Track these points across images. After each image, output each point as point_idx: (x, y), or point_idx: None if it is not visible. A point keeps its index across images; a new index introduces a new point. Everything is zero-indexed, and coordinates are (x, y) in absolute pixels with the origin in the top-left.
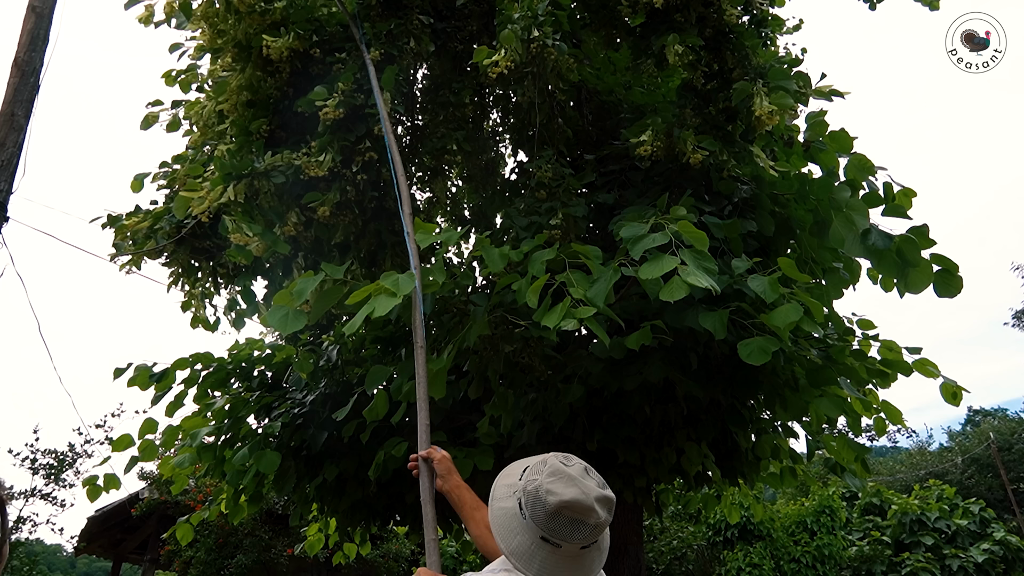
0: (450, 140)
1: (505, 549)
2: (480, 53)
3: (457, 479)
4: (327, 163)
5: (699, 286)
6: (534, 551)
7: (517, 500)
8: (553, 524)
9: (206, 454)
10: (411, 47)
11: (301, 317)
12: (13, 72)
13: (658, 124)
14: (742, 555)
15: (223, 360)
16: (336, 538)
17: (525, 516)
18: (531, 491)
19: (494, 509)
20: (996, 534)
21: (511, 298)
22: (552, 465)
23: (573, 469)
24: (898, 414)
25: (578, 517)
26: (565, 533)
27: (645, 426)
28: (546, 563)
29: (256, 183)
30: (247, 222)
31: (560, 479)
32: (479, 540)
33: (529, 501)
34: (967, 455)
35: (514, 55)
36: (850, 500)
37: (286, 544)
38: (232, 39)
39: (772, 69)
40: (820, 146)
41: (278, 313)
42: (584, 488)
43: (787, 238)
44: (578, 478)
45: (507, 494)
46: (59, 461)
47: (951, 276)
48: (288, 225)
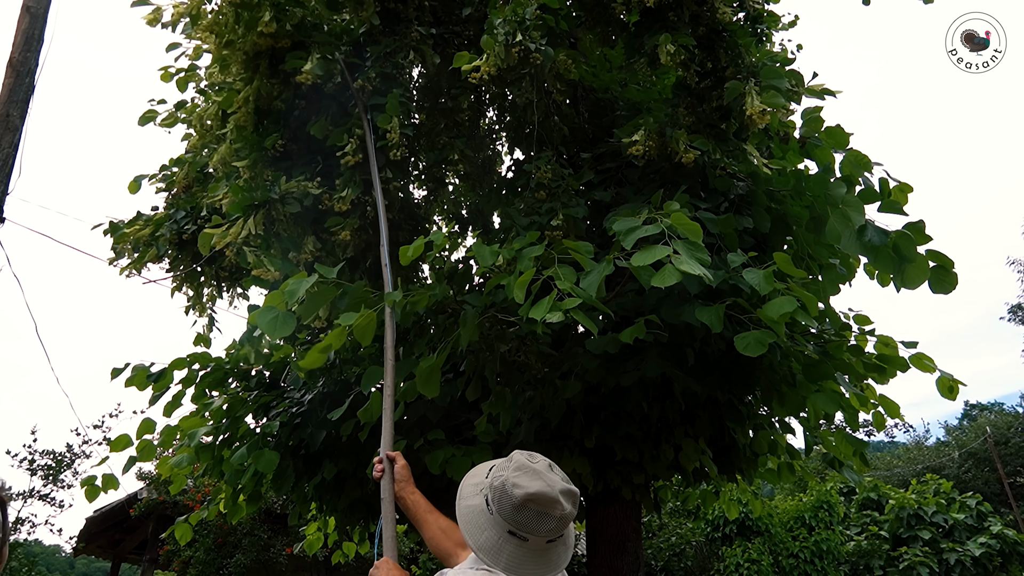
0: (452, 150)
1: (473, 545)
2: (460, 59)
3: (413, 486)
4: (350, 197)
5: (692, 273)
6: (501, 545)
7: (484, 496)
8: (520, 517)
9: (204, 454)
10: (411, 59)
11: (291, 321)
12: (8, 72)
13: (650, 123)
14: (741, 551)
15: (221, 360)
16: (335, 537)
17: (492, 511)
18: (497, 486)
19: (461, 508)
20: (993, 528)
21: (502, 297)
22: (517, 461)
23: (538, 465)
24: (896, 407)
25: (543, 510)
26: (531, 526)
27: (643, 422)
28: (513, 556)
29: (273, 212)
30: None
31: (525, 473)
32: (432, 542)
33: (496, 496)
34: (964, 449)
35: (497, 60)
36: (848, 495)
37: (285, 543)
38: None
39: (764, 68)
40: (816, 142)
41: (267, 316)
42: (549, 481)
43: (783, 234)
44: (543, 472)
45: (474, 492)
46: (57, 462)
47: (946, 272)
48: (306, 252)
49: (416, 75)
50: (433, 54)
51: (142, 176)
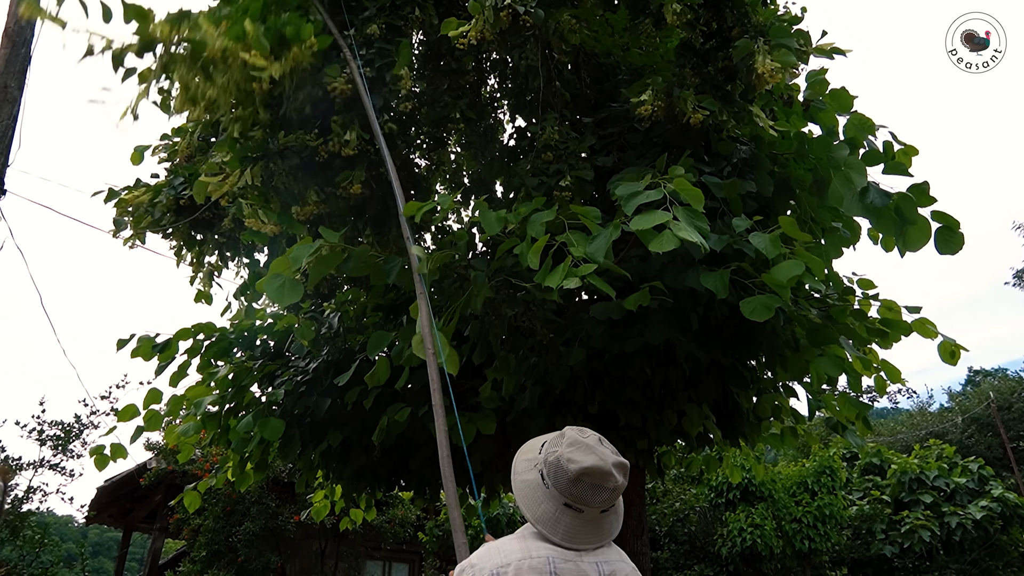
0: (453, 109)
1: (531, 517)
2: (448, 25)
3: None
4: (354, 141)
5: (689, 240)
6: (558, 517)
7: (539, 471)
8: (575, 490)
9: (211, 423)
10: (416, 16)
11: (298, 288)
12: (4, 43)
13: (658, 83)
14: (744, 516)
15: (225, 330)
16: (342, 504)
17: (548, 485)
18: (552, 461)
19: (517, 483)
20: (994, 491)
21: (512, 262)
22: (570, 437)
23: (589, 439)
24: (897, 372)
25: (597, 482)
26: (587, 497)
27: (646, 388)
28: (570, 527)
29: (272, 165)
30: (264, 207)
31: (579, 448)
32: None
33: (551, 471)
34: (967, 415)
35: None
36: (850, 460)
37: (293, 511)
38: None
39: (773, 27)
40: (820, 105)
41: (275, 283)
42: (601, 455)
43: (787, 198)
44: (595, 447)
45: (528, 467)
46: (66, 432)
47: (952, 232)
48: (310, 205)
49: (416, 43)
50: (432, 11)
51: (144, 147)
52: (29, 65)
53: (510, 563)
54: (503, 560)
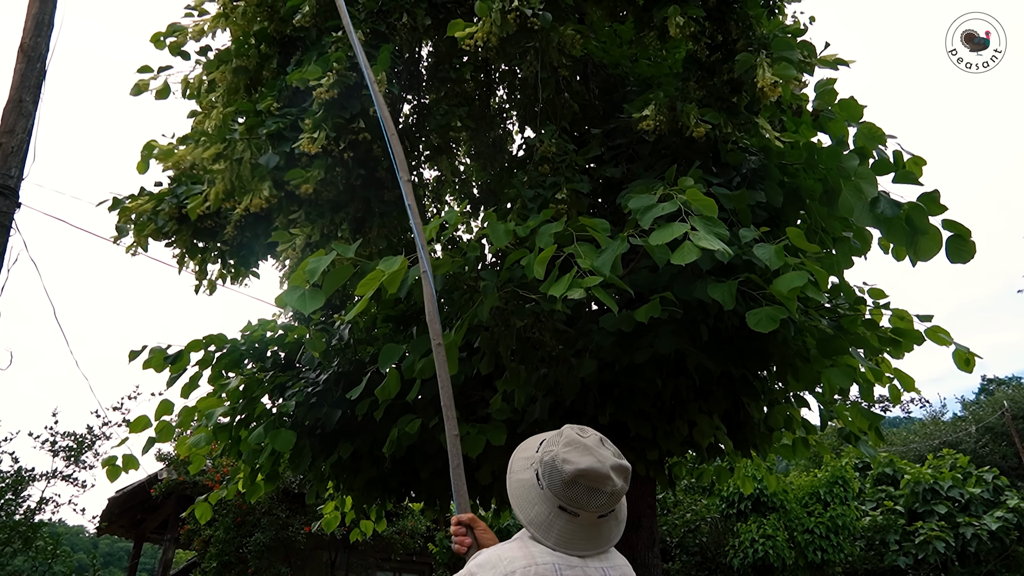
0: (453, 116)
1: (524, 520)
2: (455, 26)
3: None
4: (320, 141)
5: (711, 248)
6: (552, 520)
7: (534, 471)
8: (570, 492)
9: (222, 434)
10: (404, 22)
11: (319, 296)
12: (19, 58)
13: (660, 98)
14: (756, 527)
15: (236, 341)
16: (352, 515)
17: (543, 486)
18: (548, 461)
19: (512, 482)
20: (1010, 501)
21: (520, 273)
22: (568, 436)
23: (589, 440)
24: (911, 381)
25: (594, 485)
26: (582, 502)
27: (657, 399)
28: (564, 532)
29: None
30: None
31: (576, 449)
32: None
33: (546, 471)
34: (981, 424)
35: (493, 27)
36: (863, 471)
37: (303, 522)
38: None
39: (776, 39)
40: (829, 115)
41: (295, 293)
42: (600, 457)
43: (796, 208)
44: (594, 448)
45: (524, 466)
46: (78, 443)
47: (963, 241)
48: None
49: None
50: (424, 15)
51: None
52: (44, 80)
53: (514, 571)
54: (507, 569)
